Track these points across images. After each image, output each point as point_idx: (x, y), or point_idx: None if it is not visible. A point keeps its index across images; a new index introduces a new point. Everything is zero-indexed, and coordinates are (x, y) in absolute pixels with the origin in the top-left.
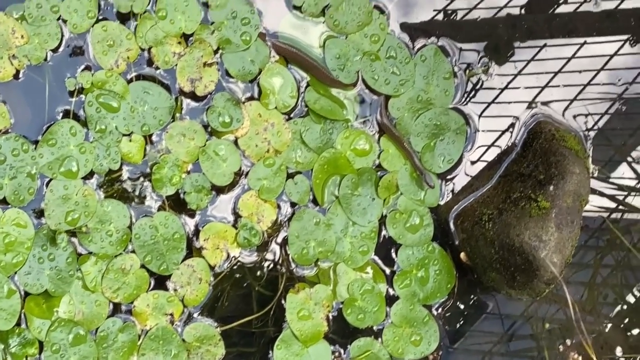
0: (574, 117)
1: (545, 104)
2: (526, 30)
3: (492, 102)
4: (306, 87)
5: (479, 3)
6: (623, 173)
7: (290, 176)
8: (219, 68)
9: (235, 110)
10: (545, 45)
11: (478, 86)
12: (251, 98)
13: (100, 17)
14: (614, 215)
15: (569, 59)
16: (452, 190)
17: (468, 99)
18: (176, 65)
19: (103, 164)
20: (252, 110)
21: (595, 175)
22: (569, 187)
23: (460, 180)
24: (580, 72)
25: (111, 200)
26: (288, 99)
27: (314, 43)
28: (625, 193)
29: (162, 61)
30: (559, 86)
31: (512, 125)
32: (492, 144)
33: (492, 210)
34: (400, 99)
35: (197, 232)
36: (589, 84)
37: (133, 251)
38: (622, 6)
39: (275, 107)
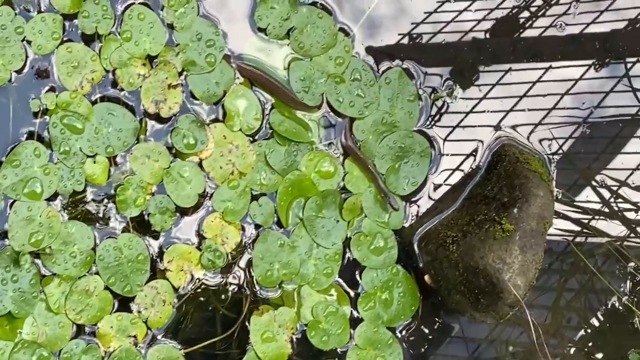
0: (540, 141)
1: (510, 127)
2: (491, 54)
3: (457, 125)
4: (271, 109)
5: (444, 27)
6: (587, 197)
7: (254, 198)
8: (183, 90)
9: (200, 132)
10: (510, 69)
11: (443, 109)
12: (216, 120)
13: (65, 39)
14: (578, 239)
15: (534, 83)
16: (417, 213)
17: (433, 122)
18: (141, 86)
19: (67, 186)
20: (217, 132)
21: (560, 197)
22: (532, 210)
23: (424, 203)
24: (545, 96)
25: (75, 221)
26: (252, 121)
27: (278, 65)
28: (590, 217)
29: (126, 83)
30: (524, 110)
31: (477, 148)
32: (457, 168)
33: (456, 232)
34: (365, 122)
35: (161, 253)
36: (554, 108)
37: (97, 273)
38: (587, 30)
39: (240, 129)
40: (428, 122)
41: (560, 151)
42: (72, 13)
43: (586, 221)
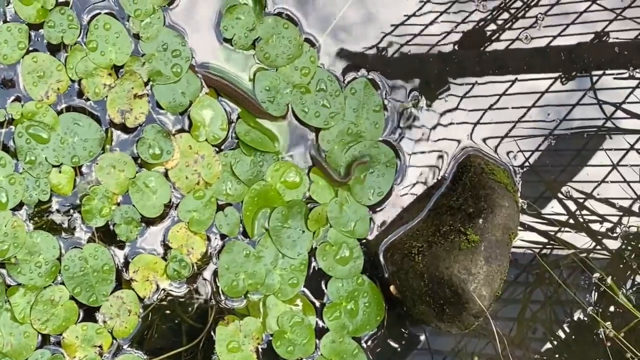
0: (507, 153)
1: (476, 138)
2: (457, 65)
3: (423, 138)
4: (237, 119)
5: (411, 39)
6: (553, 208)
7: (220, 208)
8: (149, 100)
9: (166, 142)
10: (476, 82)
11: (409, 120)
12: (181, 130)
13: (31, 48)
14: (544, 251)
15: (501, 95)
16: (382, 224)
17: (399, 133)
18: (107, 96)
19: (32, 195)
20: (183, 142)
21: (525, 209)
22: (498, 221)
23: (390, 213)
24: (511, 108)
25: (40, 231)
26: (218, 131)
27: (244, 75)
28: (556, 229)
29: (92, 93)
30: (490, 122)
31: (442, 158)
32: (422, 179)
33: (422, 243)
34: (331, 132)
35: (126, 263)
36: (520, 120)
37: (62, 283)
38: (554, 43)
39: (206, 140)
40: (393, 133)
41: (527, 163)
42: (37, 23)
43: (552, 233)
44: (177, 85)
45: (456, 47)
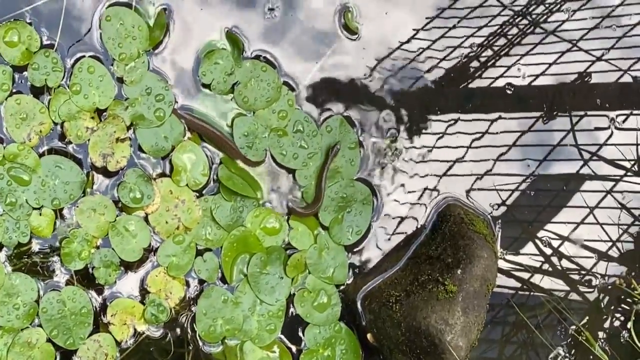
0: (483, 195)
1: (454, 182)
2: (437, 105)
3: (400, 183)
4: (219, 164)
5: (389, 76)
6: (529, 251)
7: (199, 253)
8: (131, 144)
9: (147, 186)
10: (457, 119)
11: (386, 161)
12: (163, 174)
13: (14, 90)
14: (521, 293)
15: (482, 134)
16: (361, 270)
17: (376, 174)
18: (89, 140)
19: (12, 237)
20: (164, 186)
21: (505, 257)
22: (476, 272)
23: (369, 259)
24: (490, 146)
25: (19, 273)
26: (199, 176)
27: (226, 120)
28: (534, 274)
29: (74, 136)
30: (469, 161)
31: (421, 206)
32: (401, 225)
33: (400, 292)
34: (308, 169)
35: (104, 307)
36: (498, 159)
37: (40, 325)
38: (535, 83)
39: (187, 184)
40: (369, 171)
41: (504, 206)
42: (22, 65)
43: (528, 277)
44: (160, 129)
45: (435, 85)
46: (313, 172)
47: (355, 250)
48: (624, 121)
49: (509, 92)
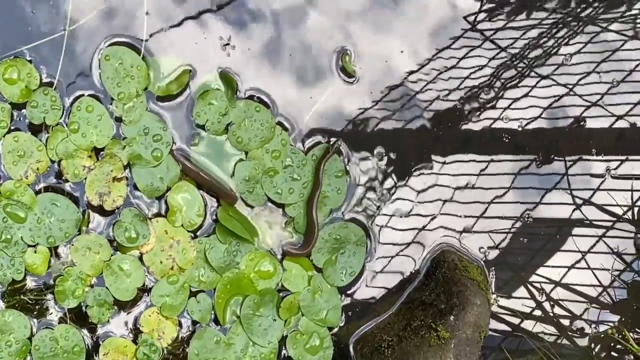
0: (475, 238)
1: (448, 228)
2: (431, 147)
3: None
4: (218, 206)
5: (379, 123)
6: (521, 294)
7: (193, 294)
8: (128, 183)
9: (142, 226)
10: (444, 162)
11: (378, 201)
12: (158, 214)
13: (13, 128)
14: (511, 339)
15: (477, 177)
16: (354, 314)
17: (369, 213)
18: (85, 178)
19: (7, 274)
20: (159, 226)
21: (498, 303)
22: (469, 318)
23: (362, 303)
24: (484, 188)
25: (13, 310)
26: (195, 217)
27: (226, 162)
28: (527, 321)
29: (71, 174)
30: (461, 202)
31: (415, 251)
32: (394, 270)
33: (392, 337)
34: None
35: (97, 346)
36: (492, 202)
37: None
38: (528, 126)
39: (182, 225)
40: (360, 209)
41: (497, 249)
42: (20, 102)
43: (519, 322)
44: (156, 169)
45: (430, 124)
46: (302, 201)
47: (348, 292)
48: (616, 168)
49: (505, 145)
